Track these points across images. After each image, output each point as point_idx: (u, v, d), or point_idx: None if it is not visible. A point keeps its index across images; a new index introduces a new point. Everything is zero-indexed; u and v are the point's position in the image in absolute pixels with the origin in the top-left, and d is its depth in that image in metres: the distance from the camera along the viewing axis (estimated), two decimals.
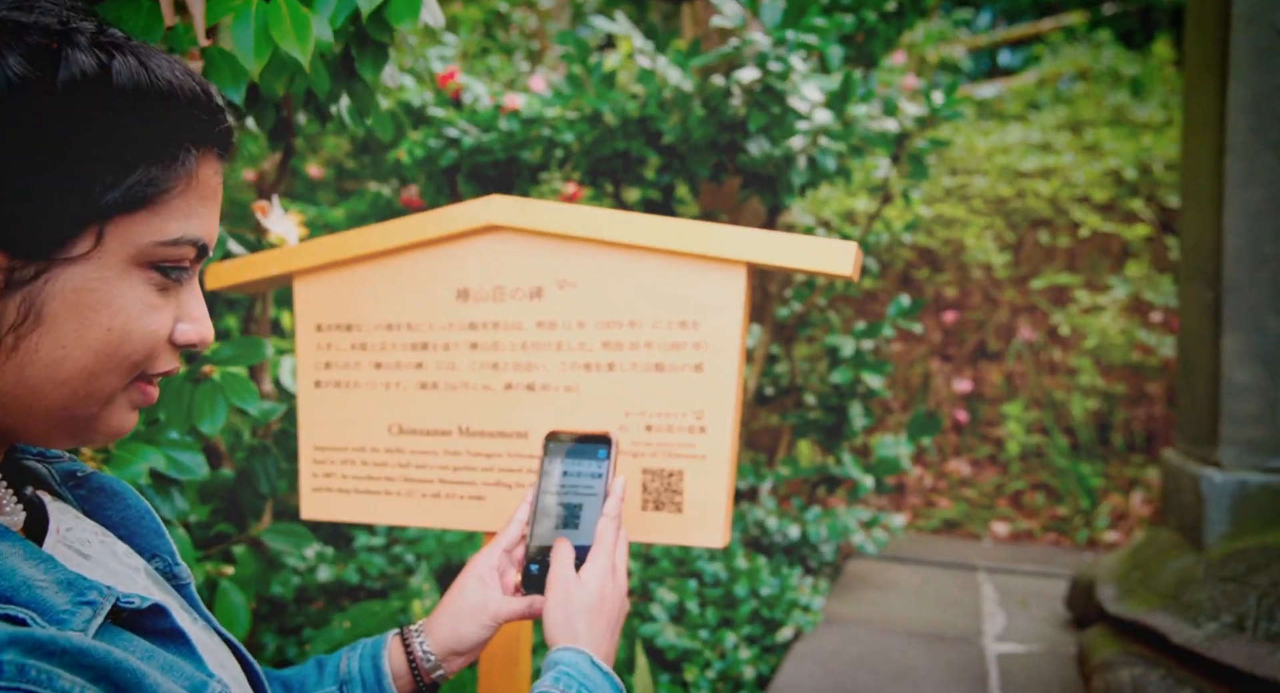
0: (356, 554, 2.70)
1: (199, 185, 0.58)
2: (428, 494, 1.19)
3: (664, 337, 1.09)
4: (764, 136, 2.01)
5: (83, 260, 0.53)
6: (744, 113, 1.98)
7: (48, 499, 0.65)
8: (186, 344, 0.61)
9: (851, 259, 1.02)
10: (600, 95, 2.51)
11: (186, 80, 0.56)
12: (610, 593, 0.82)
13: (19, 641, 0.45)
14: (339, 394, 1.23)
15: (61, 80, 0.50)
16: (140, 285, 0.56)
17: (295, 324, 1.25)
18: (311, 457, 1.24)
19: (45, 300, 0.53)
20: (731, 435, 1.08)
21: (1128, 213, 3.88)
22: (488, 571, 0.89)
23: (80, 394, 0.56)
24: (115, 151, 0.53)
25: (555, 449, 0.92)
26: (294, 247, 1.23)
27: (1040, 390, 3.95)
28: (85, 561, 0.61)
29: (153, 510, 0.73)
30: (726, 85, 2.02)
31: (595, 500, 0.86)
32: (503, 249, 1.17)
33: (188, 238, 0.57)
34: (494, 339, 1.16)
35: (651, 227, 1.09)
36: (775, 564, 2.59)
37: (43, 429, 0.57)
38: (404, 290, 1.20)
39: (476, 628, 0.86)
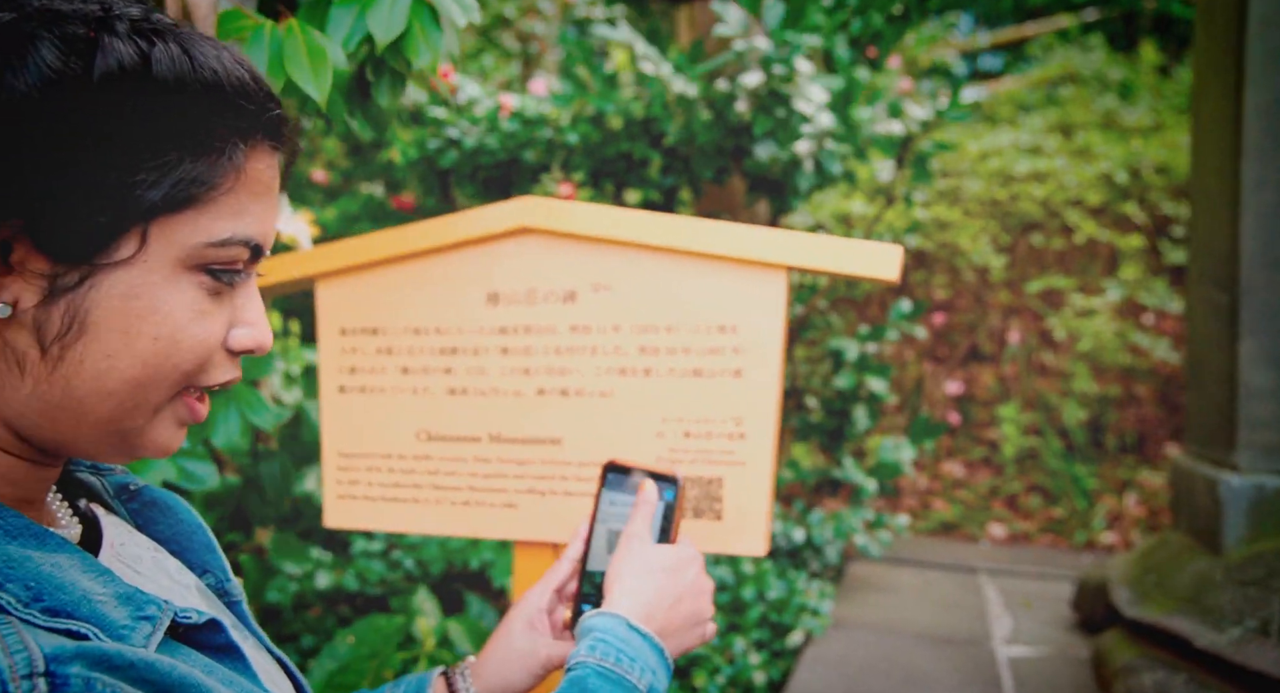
0: (355, 560, 2.66)
1: (249, 181, 0.54)
2: (457, 502, 1.17)
3: (702, 341, 1.08)
4: (770, 140, 2.00)
5: (127, 265, 0.50)
6: (749, 117, 1.96)
7: (101, 513, 0.62)
8: (243, 350, 0.58)
9: (896, 263, 1.01)
10: (603, 96, 2.49)
11: (234, 68, 0.53)
12: (686, 572, 0.81)
13: (85, 654, 0.44)
14: (364, 400, 1.20)
15: (99, 72, 0.47)
16: (190, 290, 0.53)
17: (318, 328, 1.22)
18: (336, 463, 1.22)
19: (89, 308, 0.50)
20: (771, 442, 1.06)
21: (1119, 216, 3.91)
22: (537, 614, 0.87)
23: (127, 406, 0.53)
24: (157, 147, 0.50)
25: (615, 482, 0.89)
26: (317, 249, 1.20)
27: (1033, 392, 3.97)
28: (137, 576, 0.59)
29: (205, 526, 0.70)
30: (732, 90, 2.01)
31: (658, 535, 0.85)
32: (535, 252, 1.14)
33: (239, 238, 0.54)
34: (525, 344, 1.14)
35: (691, 229, 1.07)
36: (780, 568, 2.57)
37: (91, 443, 0.54)
38: (431, 294, 1.18)
39: (525, 676, 0.83)
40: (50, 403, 0.51)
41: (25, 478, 0.54)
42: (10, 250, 0.48)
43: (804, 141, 2.08)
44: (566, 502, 1.12)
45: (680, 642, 0.80)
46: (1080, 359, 3.80)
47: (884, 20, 2.22)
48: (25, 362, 0.50)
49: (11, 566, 0.47)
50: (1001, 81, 5.81)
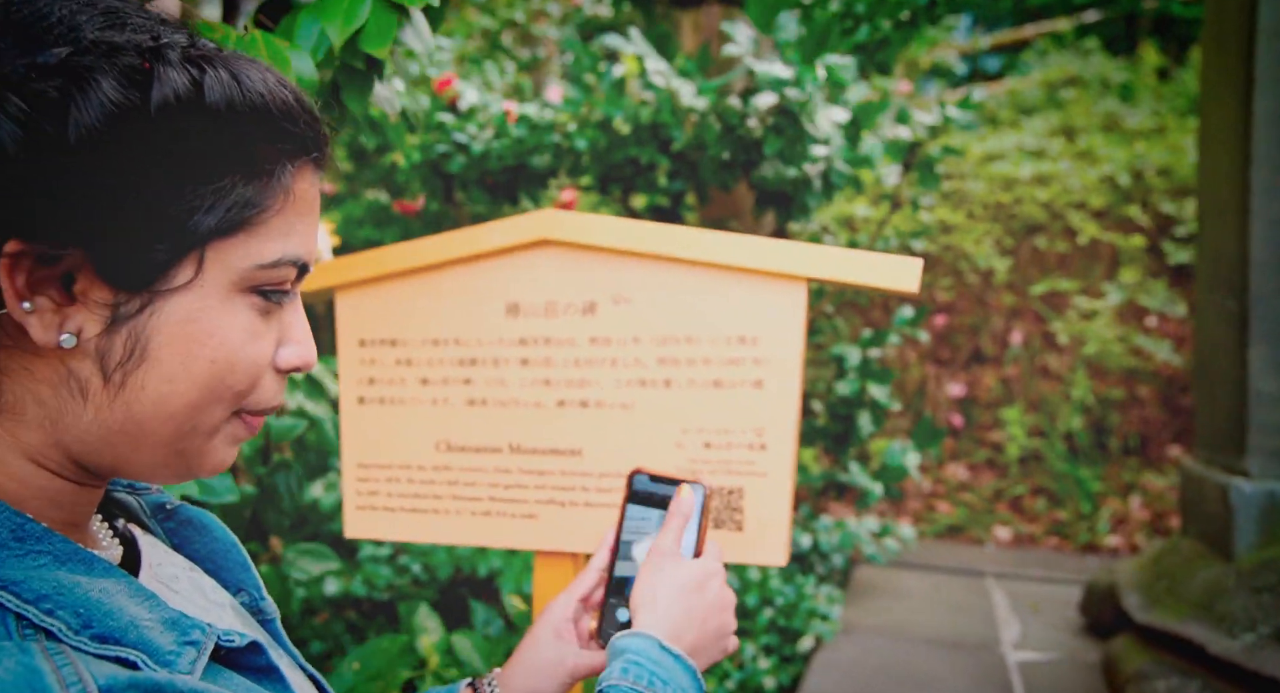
0: (362, 566, 2.67)
1: (296, 201, 0.54)
2: (477, 513, 1.17)
3: (722, 353, 1.08)
4: (779, 159, 2.00)
5: (185, 290, 0.51)
6: (760, 134, 1.97)
7: (138, 533, 0.62)
8: (291, 369, 0.58)
9: (916, 276, 1.01)
10: (611, 102, 2.50)
11: (279, 90, 0.53)
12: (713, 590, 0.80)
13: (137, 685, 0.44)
14: (384, 411, 1.21)
15: (155, 103, 0.47)
16: (243, 312, 0.53)
17: (338, 339, 1.23)
18: (355, 474, 1.22)
19: (151, 334, 0.50)
20: (792, 452, 1.07)
21: (1122, 218, 3.92)
22: (563, 623, 0.86)
23: (185, 428, 0.53)
24: (211, 173, 0.50)
25: (641, 489, 0.89)
26: (336, 260, 1.20)
27: (1036, 395, 3.98)
28: (175, 596, 0.59)
29: (238, 544, 0.70)
30: (744, 109, 2.01)
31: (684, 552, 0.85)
32: (555, 263, 1.15)
33: (288, 258, 0.54)
34: (545, 355, 1.14)
35: (711, 242, 1.07)
36: (787, 573, 2.58)
37: (148, 465, 0.55)
38: (451, 305, 1.18)
39: (554, 684, 0.83)
40: (111, 428, 0.52)
41: (73, 501, 0.54)
42: (74, 281, 0.49)
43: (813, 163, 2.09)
44: (587, 513, 1.13)
45: (708, 658, 0.80)
46: (1083, 361, 3.81)
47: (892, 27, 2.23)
48: (88, 390, 0.50)
49: (61, 592, 0.47)
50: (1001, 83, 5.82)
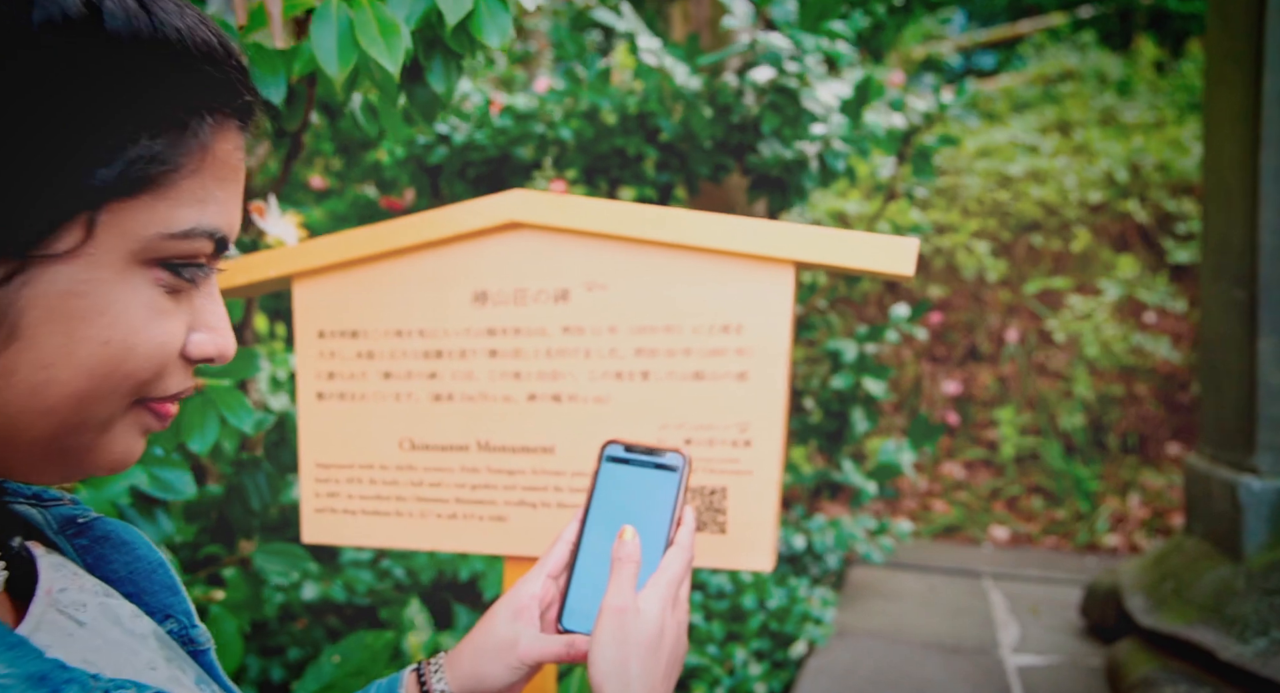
0: (343, 570, 2.59)
1: (215, 162, 0.47)
2: (443, 515, 1.10)
3: (704, 343, 1.01)
4: (776, 139, 1.93)
5: (69, 258, 0.42)
6: (756, 112, 1.90)
7: (40, 552, 0.54)
8: (203, 358, 0.50)
9: (912, 258, 0.94)
10: (597, 90, 2.43)
11: (200, 29, 0.45)
12: (671, 628, 0.70)
13: None
14: (344, 407, 1.13)
15: (38, 19, 0.39)
16: (145, 288, 0.45)
17: (295, 331, 1.15)
18: (313, 475, 1.14)
19: (22, 310, 0.42)
20: (779, 449, 1.00)
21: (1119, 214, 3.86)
22: (528, 600, 0.75)
23: (71, 423, 0.45)
24: (108, 118, 0.42)
25: (613, 461, 0.80)
26: (294, 247, 1.13)
27: (1033, 392, 3.91)
28: (79, 628, 0.50)
29: (167, 563, 0.62)
30: (740, 85, 1.94)
31: (659, 525, 0.76)
32: (525, 248, 1.07)
33: (203, 228, 0.46)
34: (515, 346, 1.07)
35: (691, 223, 1.00)
36: (780, 574, 2.51)
37: (27, 464, 0.47)
38: (415, 294, 1.11)
39: (501, 669, 0.73)
40: None
41: None
42: None
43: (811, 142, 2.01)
44: (560, 514, 1.05)
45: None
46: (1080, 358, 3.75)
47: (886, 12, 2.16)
48: None
49: None
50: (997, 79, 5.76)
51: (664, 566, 0.73)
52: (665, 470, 0.79)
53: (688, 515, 0.78)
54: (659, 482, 0.78)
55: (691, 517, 0.78)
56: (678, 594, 0.73)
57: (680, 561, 0.74)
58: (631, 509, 0.78)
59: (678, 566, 0.73)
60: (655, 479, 0.79)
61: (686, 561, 0.74)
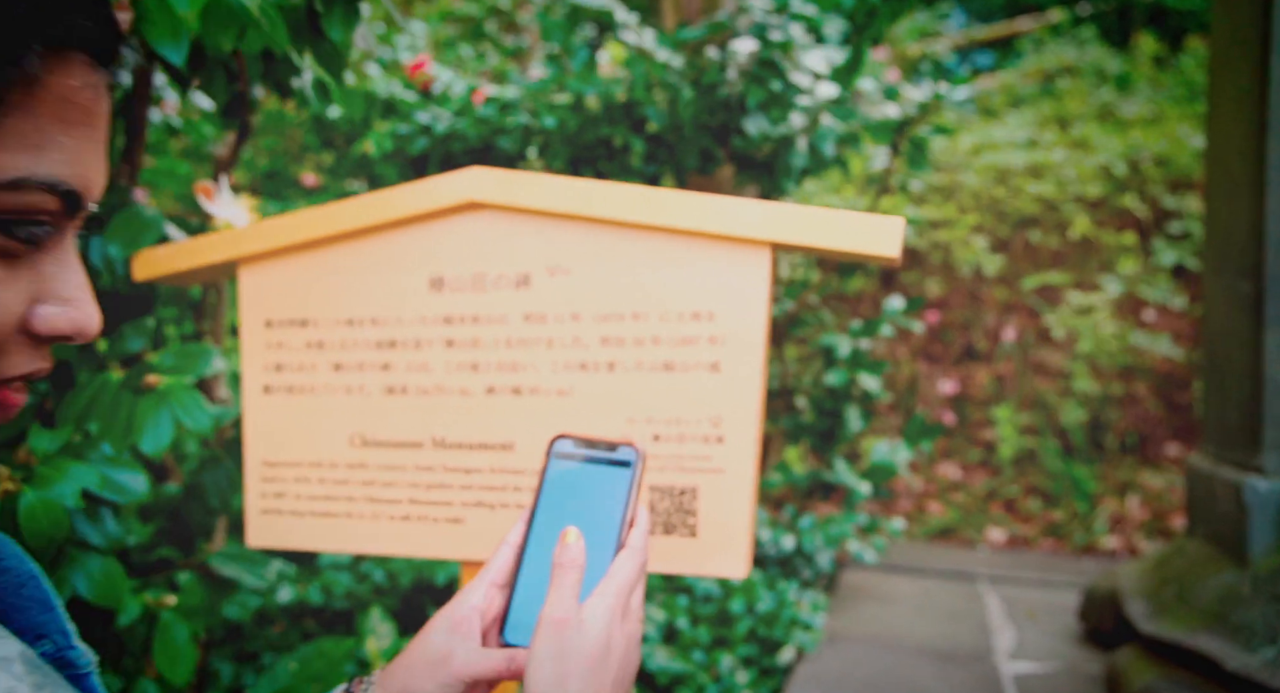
0: (321, 573, 2.52)
1: (55, 101, 0.40)
2: (396, 517, 1.03)
3: (673, 331, 0.94)
4: (762, 115, 1.86)
5: None
6: (741, 88, 1.82)
7: None
8: (54, 335, 0.43)
9: (898, 238, 0.87)
10: (582, 78, 2.35)
11: None
12: (619, 642, 0.63)
13: None
14: (292, 401, 1.06)
15: None
16: None
17: (241, 320, 1.08)
18: (259, 474, 1.07)
19: None
20: (754, 445, 0.92)
21: (1118, 210, 3.79)
22: (468, 611, 0.67)
23: None
24: None
25: (562, 458, 0.73)
26: (239, 229, 1.05)
27: (1030, 391, 3.84)
28: None
29: (40, 576, 0.54)
30: (722, 58, 1.87)
31: (609, 527, 0.69)
32: (484, 230, 1.00)
33: (38, 178, 0.39)
34: (473, 335, 1.00)
35: (660, 202, 0.93)
36: (770, 577, 2.44)
37: None
38: (368, 279, 1.03)
39: (433, 686, 0.65)
40: None
41: None
42: None
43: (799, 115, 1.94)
44: (520, 515, 0.98)
45: None
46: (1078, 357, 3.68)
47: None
48: None
49: None
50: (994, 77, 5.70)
51: (613, 571, 0.66)
52: (617, 466, 0.71)
53: (641, 515, 0.71)
54: (610, 479, 0.71)
55: (645, 517, 0.71)
56: (628, 604, 0.65)
57: (631, 566, 0.66)
58: (581, 509, 0.70)
59: (628, 571, 0.66)
60: (607, 476, 0.71)
61: (639, 565, 0.67)
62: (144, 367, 1.14)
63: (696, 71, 2.09)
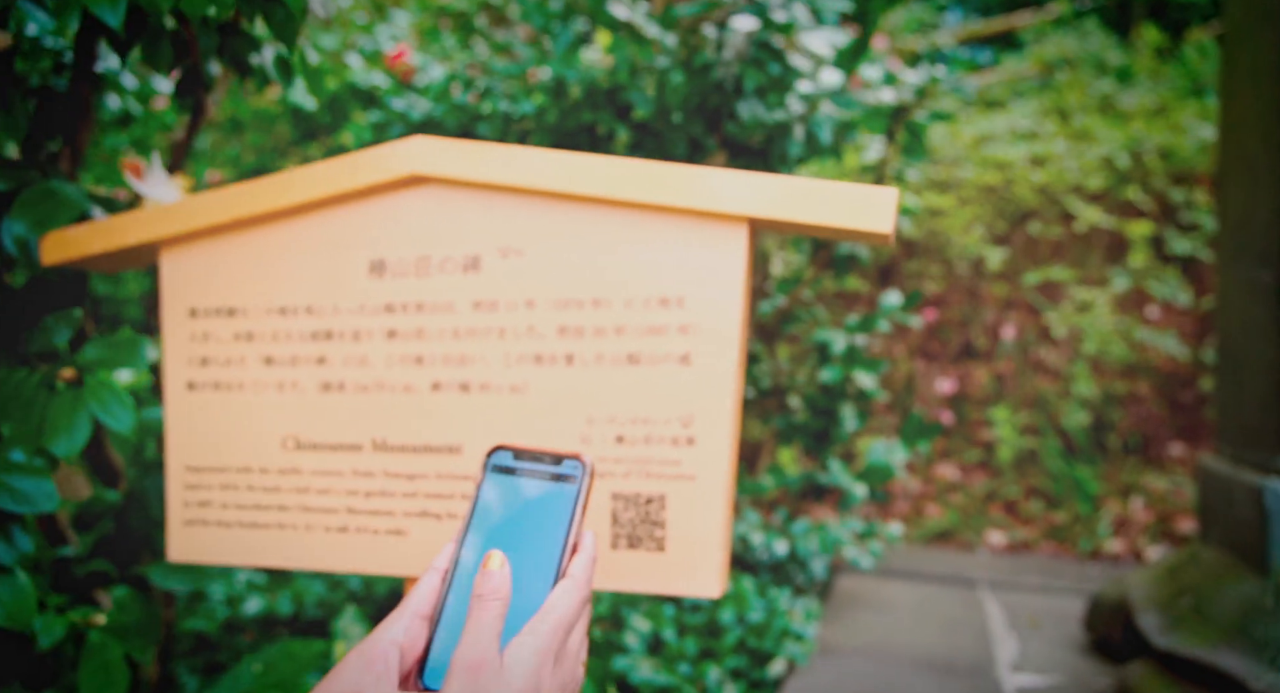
0: (293, 580, 2.41)
1: None
2: (332, 528, 0.92)
3: (639, 319, 0.83)
4: (757, 99, 1.75)
5: None
6: (737, 71, 1.71)
7: None
8: None
9: (890, 212, 0.76)
10: (564, 61, 2.25)
11: None
12: (549, 689, 0.54)
13: None
14: (218, 399, 0.95)
15: None
16: None
17: (163, 309, 0.97)
18: (182, 481, 0.96)
19: None
20: (729, 448, 0.82)
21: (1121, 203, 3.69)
22: (386, 646, 0.57)
23: None
24: None
25: (500, 472, 0.63)
26: (158, 208, 0.95)
27: (1031, 390, 3.74)
28: None
29: None
30: (719, 38, 1.76)
31: (547, 552, 0.59)
32: (430, 207, 0.89)
33: None
34: (417, 325, 0.89)
35: (625, 173, 0.82)
36: (761, 584, 2.33)
37: None
38: (302, 264, 0.93)
39: None
40: None
41: None
42: None
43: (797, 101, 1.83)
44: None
45: None
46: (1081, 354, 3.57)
47: None
48: None
49: None
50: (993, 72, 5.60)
51: (547, 606, 0.55)
52: (560, 482, 0.61)
53: (587, 540, 0.60)
54: (552, 497, 0.61)
55: (591, 542, 0.60)
56: (564, 645, 0.54)
57: (570, 600, 0.56)
58: (517, 532, 0.60)
59: (565, 606, 0.55)
60: (548, 494, 0.61)
61: (579, 600, 0.56)
62: (61, 361, 1.03)
63: (688, 52, 1.98)
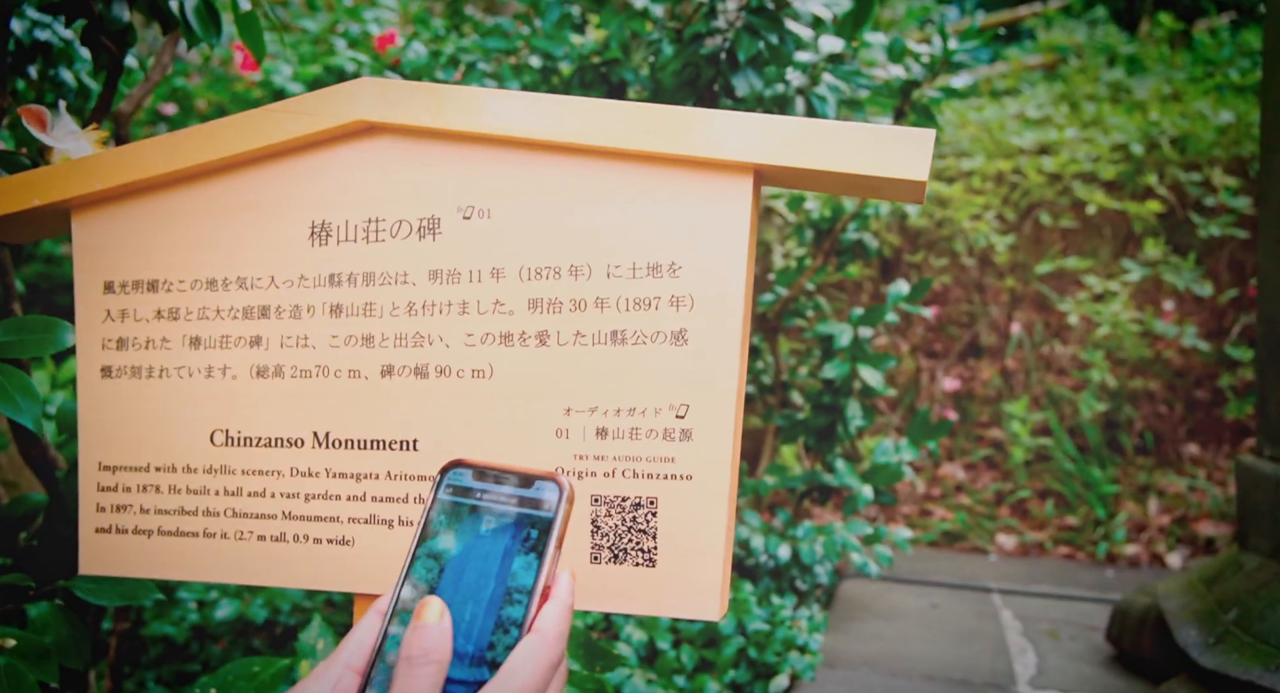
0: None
1: None
2: (268, 537, 0.79)
3: (625, 290, 0.70)
4: (754, 71, 1.62)
5: None
6: (732, 37, 1.58)
7: None
8: None
9: (926, 158, 0.63)
10: (552, 39, 2.12)
11: None
12: None
13: None
14: (137, 386, 0.82)
15: None
16: None
17: (76, 282, 0.84)
18: (95, 481, 0.83)
19: None
20: (732, 443, 0.69)
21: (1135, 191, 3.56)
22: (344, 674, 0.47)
23: None
24: None
25: (456, 494, 0.50)
26: (67, 164, 0.81)
27: (1042, 388, 3.61)
28: None
29: None
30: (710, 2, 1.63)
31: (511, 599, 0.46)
32: (381, 161, 0.76)
33: None
34: (366, 299, 0.76)
35: (608, 116, 0.69)
36: (762, 591, 2.20)
37: None
38: (234, 228, 0.79)
39: None
40: None
41: None
42: None
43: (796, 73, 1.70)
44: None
45: None
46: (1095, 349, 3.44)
47: None
48: None
49: None
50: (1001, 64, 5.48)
51: (507, 670, 0.42)
52: (530, 508, 0.48)
53: (561, 584, 0.47)
54: (520, 528, 0.48)
55: (568, 586, 0.47)
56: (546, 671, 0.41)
57: (537, 662, 0.42)
58: (473, 570, 0.47)
59: (531, 671, 0.42)
60: (514, 524, 0.48)
61: (548, 662, 0.43)
62: None
63: (680, 23, 1.86)
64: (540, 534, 0.48)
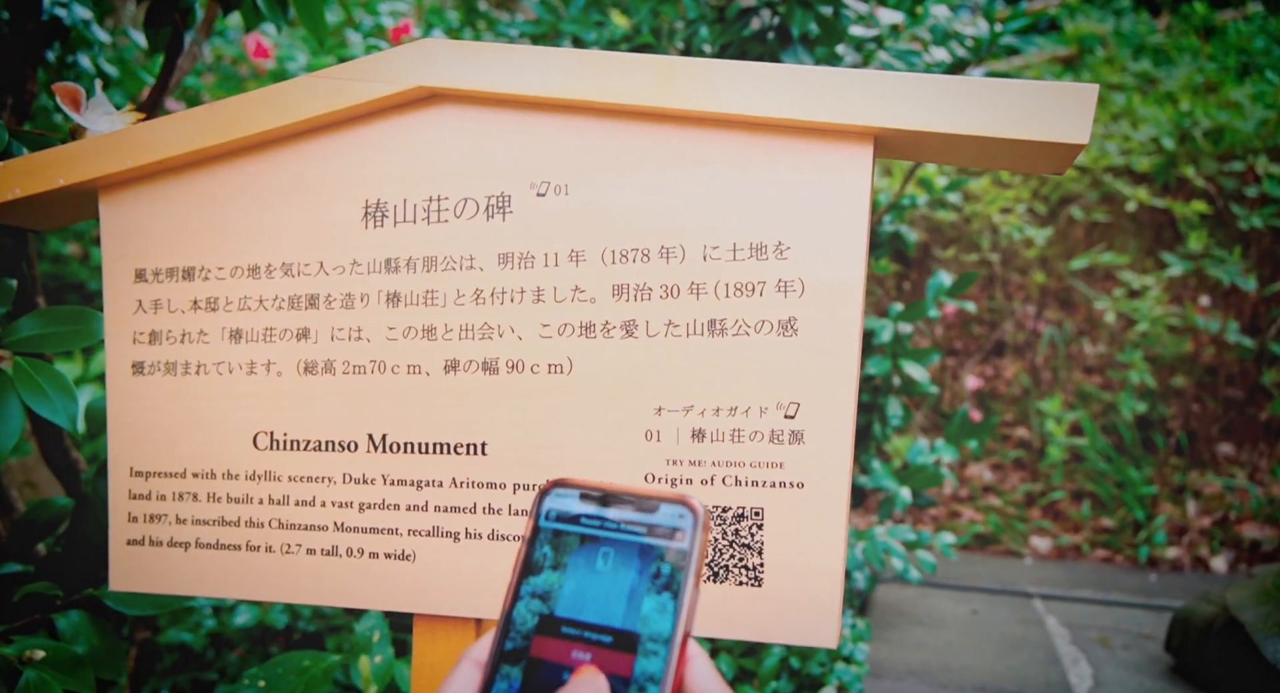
0: None
1: None
2: (318, 550, 0.71)
3: (725, 274, 0.62)
4: (804, 48, 1.54)
5: None
6: (784, 12, 1.50)
7: None
8: None
9: (1088, 120, 0.55)
10: (579, 22, 2.04)
11: None
12: None
13: None
14: (172, 385, 0.74)
15: None
16: None
17: (104, 270, 0.76)
18: (127, 489, 0.75)
19: None
20: (848, 446, 0.61)
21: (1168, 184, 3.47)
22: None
23: None
24: None
25: (560, 521, 0.42)
26: (93, 139, 0.74)
27: (1072, 385, 3.52)
28: None
29: None
30: None
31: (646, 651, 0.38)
32: (442, 133, 0.68)
33: None
34: (428, 287, 0.68)
35: (704, 76, 0.61)
36: None
37: None
38: (278, 210, 0.72)
39: None
40: None
41: None
42: None
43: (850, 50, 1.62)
44: (495, 553, 0.67)
45: None
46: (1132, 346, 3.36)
47: None
48: None
49: None
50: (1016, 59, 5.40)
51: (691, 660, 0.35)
52: (657, 539, 0.40)
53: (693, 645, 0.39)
54: (645, 561, 0.40)
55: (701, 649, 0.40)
56: None
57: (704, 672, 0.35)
58: (591, 615, 0.39)
59: None
60: (639, 557, 0.40)
61: None
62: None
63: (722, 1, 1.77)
64: (673, 570, 0.40)
